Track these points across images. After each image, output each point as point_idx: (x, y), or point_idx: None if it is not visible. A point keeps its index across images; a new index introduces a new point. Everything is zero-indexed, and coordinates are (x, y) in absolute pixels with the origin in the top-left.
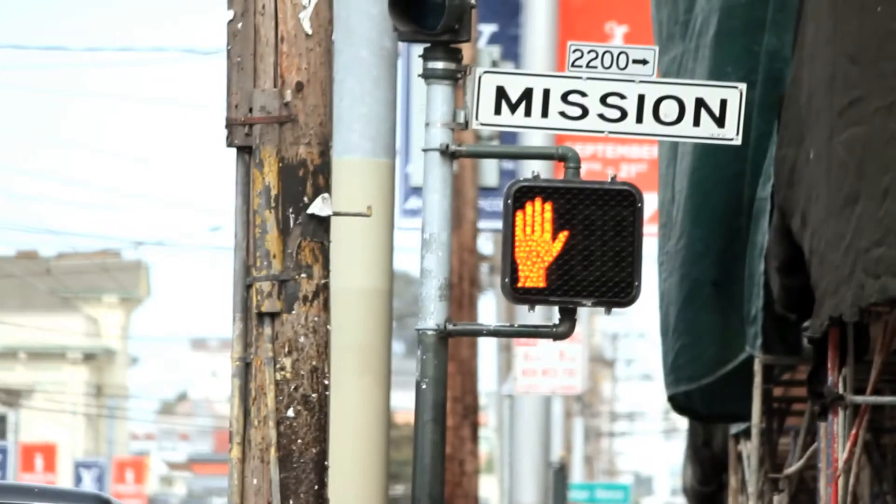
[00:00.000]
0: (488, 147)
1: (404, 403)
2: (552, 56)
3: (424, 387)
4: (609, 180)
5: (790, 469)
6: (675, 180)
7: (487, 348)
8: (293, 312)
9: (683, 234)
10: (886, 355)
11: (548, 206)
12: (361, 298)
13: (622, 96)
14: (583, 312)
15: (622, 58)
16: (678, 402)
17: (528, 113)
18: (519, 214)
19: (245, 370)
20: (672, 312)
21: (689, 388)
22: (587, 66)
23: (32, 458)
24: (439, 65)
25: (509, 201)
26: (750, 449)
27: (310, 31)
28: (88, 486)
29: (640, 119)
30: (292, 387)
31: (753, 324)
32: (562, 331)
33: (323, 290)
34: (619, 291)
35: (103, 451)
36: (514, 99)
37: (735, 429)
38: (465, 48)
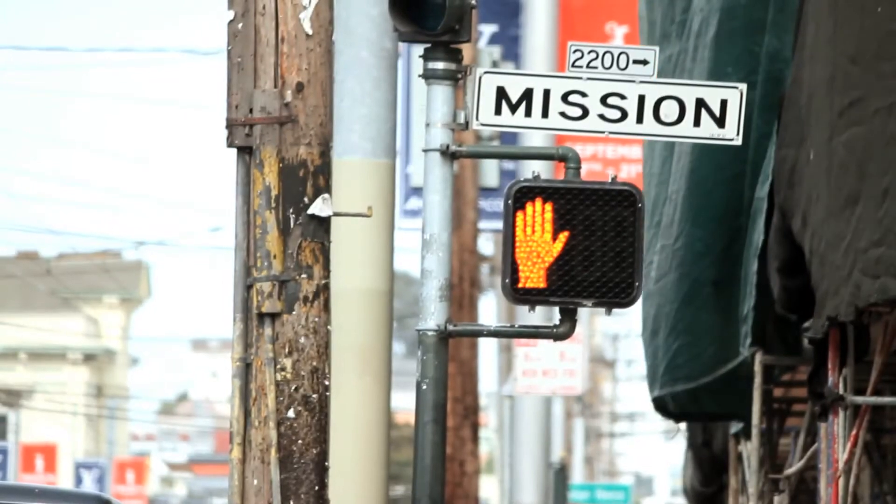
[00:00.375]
0: (489, 147)
1: (405, 404)
2: (552, 56)
3: (425, 387)
4: (609, 181)
5: (790, 470)
6: (671, 180)
7: (488, 349)
8: (294, 313)
9: (682, 233)
10: (887, 356)
11: (548, 207)
12: (362, 299)
13: (622, 97)
14: (583, 313)
15: (622, 58)
16: (659, 402)
17: (528, 113)
18: (519, 215)
19: (245, 371)
20: (668, 312)
21: (686, 388)
22: (587, 66)
23: (33, 458)
24: (439, 65)
25: (510, 202)
26: (750, 449)
27: (310, 32)
28: (89, 486)
29: (640, 119)
30: (293, 387)
31: (745, 323)
32: (562, 331)
33: (323, 290)
34: (620, 292)
35: (104, 452)
36: (514, 99)
37: (734, 428)
38: (466, 48)
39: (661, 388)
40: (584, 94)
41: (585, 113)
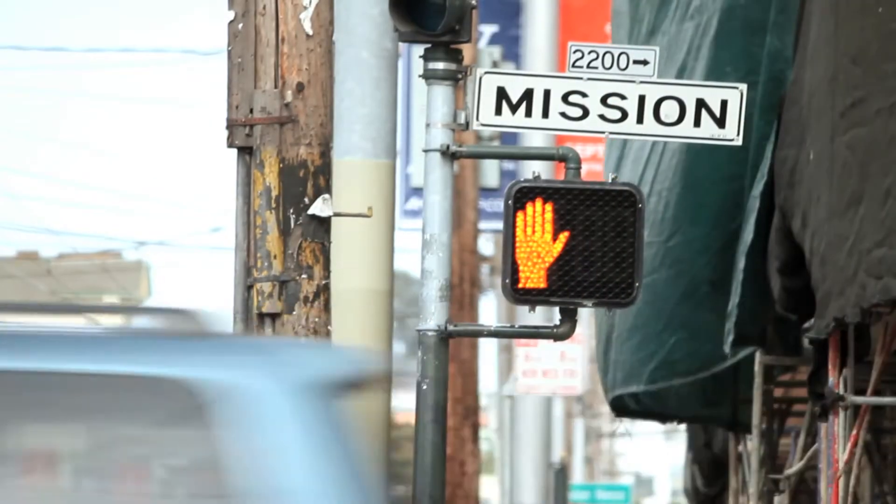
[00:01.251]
0: (489, 148)
1: (405, 404)
2: (553, 57)
3: (425, 387)
4: (609, 181)
5: (791, 470)
6: (658, 179)
7: (488, 349)
8: (294, 313)
9: (678, 231)
10: (887, 356)
11: (548, 207)
12: (362, 299)
13: (623, 97)
14: (583, 313)
15: (622, 58)
16: (631, 398)
17: (528, 113)
18: (519, 215)
19: None
20: (662, 308)
21: (683, 382)
22: (588, 66)
23: None
24: (440, 65)
25: (510, 202)
26: (750, 450)
27: (310, 32)
28: None
29: (640, 120)
30: None
31: (728, 320)
32: (562, 331)
33: (323, 290)
34: (620, 292)
35: None
36: (514, 99)
37: None
38: (466, 49)
39: (656, 384)
40: (584, 95)
41: (585, 113)
